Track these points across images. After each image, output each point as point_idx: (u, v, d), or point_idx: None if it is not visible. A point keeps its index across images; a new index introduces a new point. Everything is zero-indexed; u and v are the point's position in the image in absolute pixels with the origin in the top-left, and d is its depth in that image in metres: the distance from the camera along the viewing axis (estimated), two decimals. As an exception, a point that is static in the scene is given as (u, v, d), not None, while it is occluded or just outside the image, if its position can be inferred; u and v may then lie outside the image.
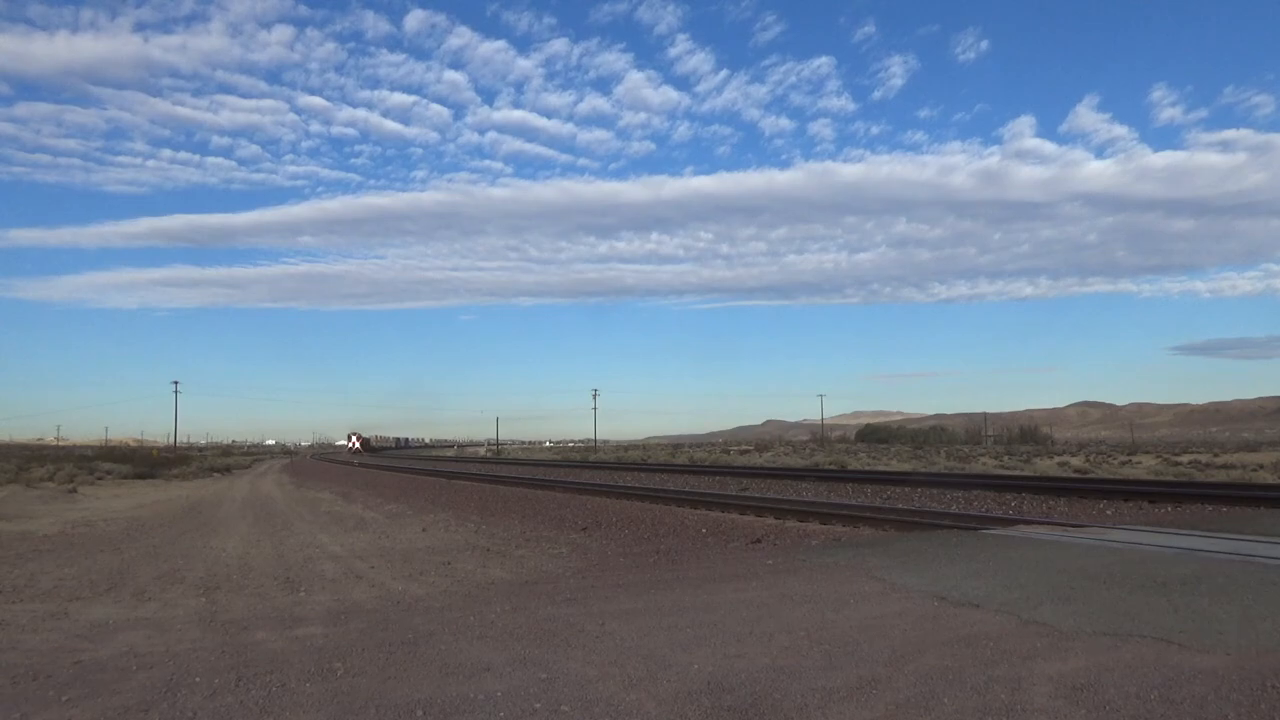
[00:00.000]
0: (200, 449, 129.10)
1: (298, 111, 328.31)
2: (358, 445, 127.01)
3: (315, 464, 67.84)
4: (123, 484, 33.07)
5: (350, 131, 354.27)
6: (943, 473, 24.89)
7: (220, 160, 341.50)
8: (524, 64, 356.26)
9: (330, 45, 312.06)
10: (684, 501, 15.75)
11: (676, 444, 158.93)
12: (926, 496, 15.58)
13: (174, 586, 8.53)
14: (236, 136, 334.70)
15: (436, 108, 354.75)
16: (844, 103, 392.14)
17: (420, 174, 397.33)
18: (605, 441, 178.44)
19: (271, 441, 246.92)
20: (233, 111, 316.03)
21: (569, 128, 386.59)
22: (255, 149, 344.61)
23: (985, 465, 34.05)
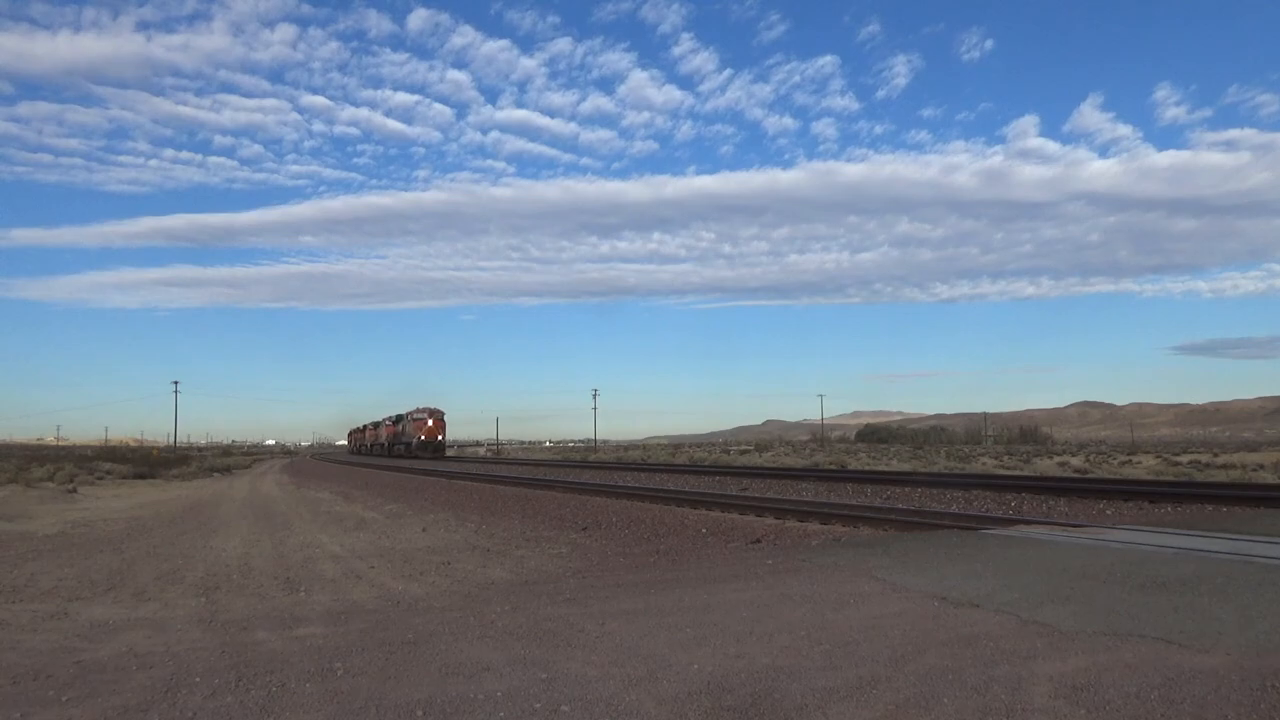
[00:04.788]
0: (200, 449, 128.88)
1: (300, 111, 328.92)
2: (436, 433, 67.02)
3: (315, 464, 67.84)
4: (123, 484, 33.07)
5: (353, 131, 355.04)
6: (943, 473, 24.88)
7: (222, 160, 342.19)
8: (527, 63, 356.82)
9: (333, 44, 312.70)
10: (684, 501, 15.74)
11: (676, 444, 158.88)
12: (926, 496, 15.57)
13: (174, 586, 8.53)
14: (239, 136, 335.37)
15: (439, 107, 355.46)
16: (847, 102, 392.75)
17: (422, 173, 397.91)
18: (605, 441, 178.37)
19: (271, 441, 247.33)
20: (235, 111, 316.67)
21: (572, 127, 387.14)
22: (257, 148, 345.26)
23: (985, 465, 34.05)
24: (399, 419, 72.91)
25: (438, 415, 67.45)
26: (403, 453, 68.33)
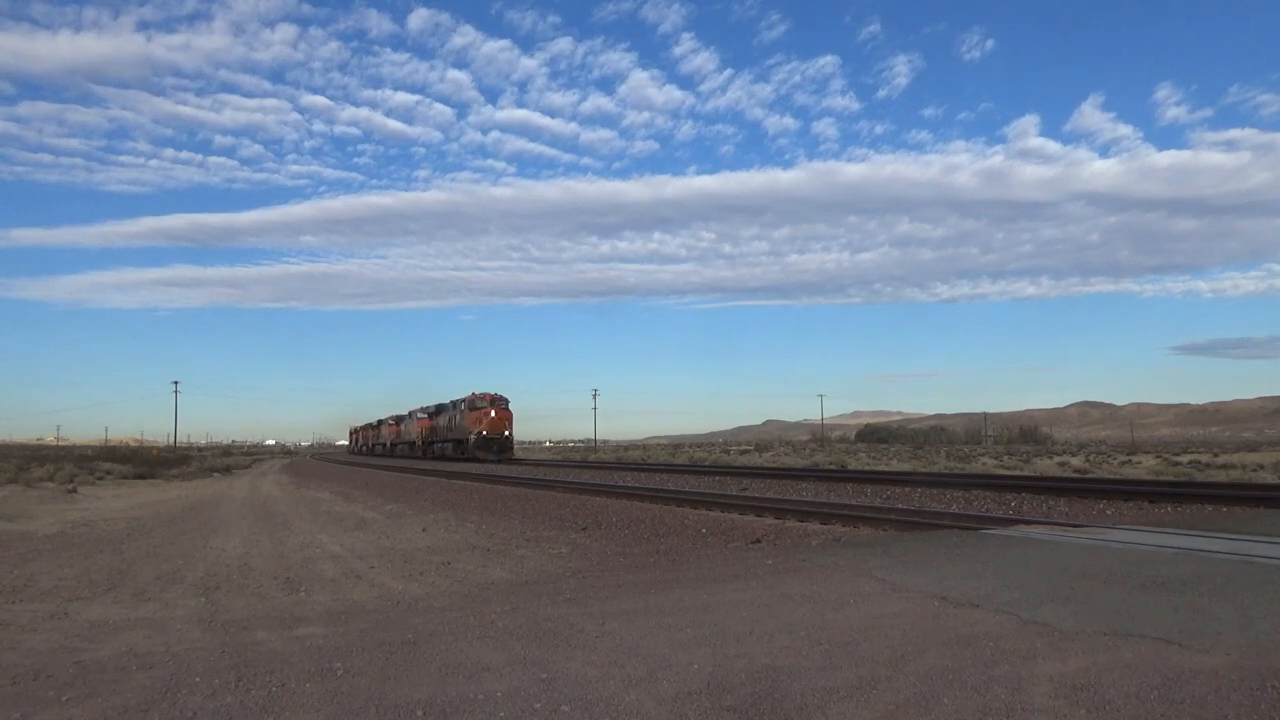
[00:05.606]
0: (200, 449, 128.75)
1: (300, 111, 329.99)
2: (501, 426, 49.49)
3: (315, 464, 67.82)
4: (123, 484, 33.06)
5: (353, 131, 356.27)
6: (943, 473, 24.88)
7: (223, 160, 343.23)
8: (528, 63, 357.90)
9: (333, 44, 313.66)
10: (684, 501, 15.74)
11: (676, 444, 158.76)
12: (926, 496, 15.56)
13: (174, 586, 8.53)
14: (239, 136, 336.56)
15: (440, 107, 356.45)
16: (848, 102, 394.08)
17: (423, 173, 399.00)
18: (605, 441, 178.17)
19: (271, 441, 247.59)
20: (235, 111, 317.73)
21: (572, 127, 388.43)
22: (258, 148, 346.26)
23: (985, 465, 34.06)
24: (440, 409, 57.86)
25: (501, 404, 49.76)
26: (449, 453, 53.06)
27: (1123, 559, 7.00)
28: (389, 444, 77.51)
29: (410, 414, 68.21)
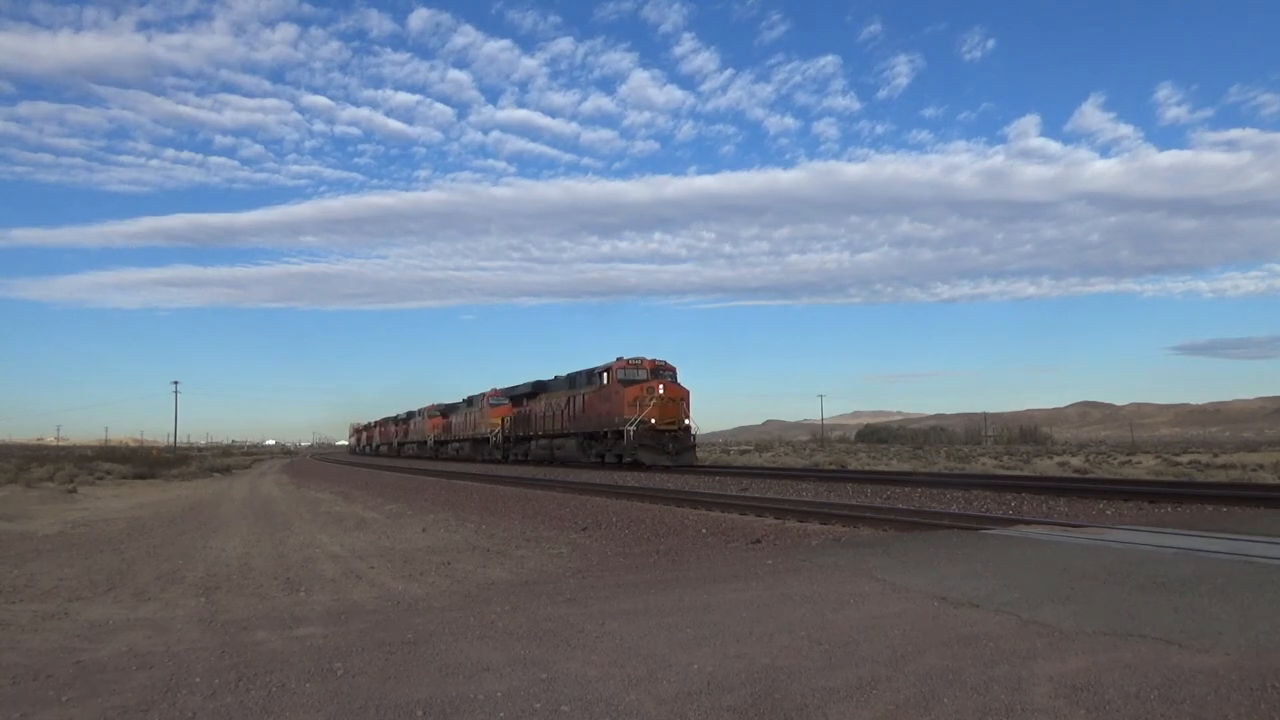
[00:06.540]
0: (200, 449, 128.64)
1: (301, 111, 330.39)
2: (676, 412, 29.92)
3: (315, 464, 67.81)
4: (123, 484, 33.05)
5: (353, 131, 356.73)
6: (943, 473, 24.88)
7: (223, 160, 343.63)
8: (528, 63, 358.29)
9: (334, 44, 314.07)
10: (684, 501, 15.73)
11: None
12: (926, 496, 15.56)
13: (174, 586, 8.53)
14: (240, 136, 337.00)
15: (440, 107, 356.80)
16: (849, 102, 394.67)
17: (423, 173, 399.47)
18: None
19: (271, 441, 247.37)
20: (236, 111, 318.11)
21: (573, 127, 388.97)
22: (258, 148, 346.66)
23: (985, 465, 34.06)
24: (541, 388, 39.56)
25: (668, 374, 32.04)
26: (568, 454, 35.13)
27: (1123, 559, 6.99)
28: (429, 442, 59.77)
29: (472, 400, 50.91)
